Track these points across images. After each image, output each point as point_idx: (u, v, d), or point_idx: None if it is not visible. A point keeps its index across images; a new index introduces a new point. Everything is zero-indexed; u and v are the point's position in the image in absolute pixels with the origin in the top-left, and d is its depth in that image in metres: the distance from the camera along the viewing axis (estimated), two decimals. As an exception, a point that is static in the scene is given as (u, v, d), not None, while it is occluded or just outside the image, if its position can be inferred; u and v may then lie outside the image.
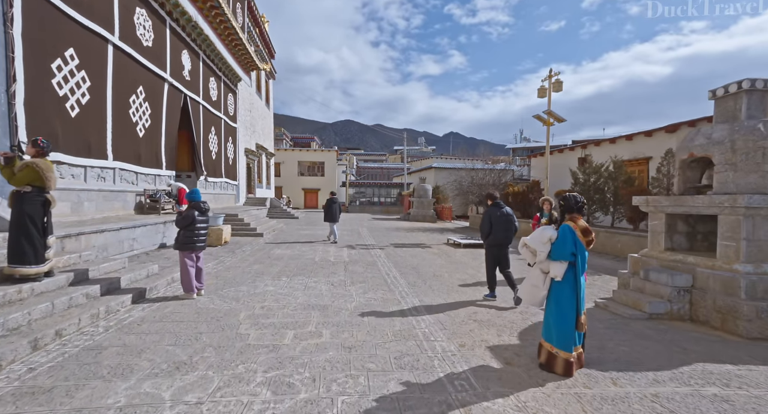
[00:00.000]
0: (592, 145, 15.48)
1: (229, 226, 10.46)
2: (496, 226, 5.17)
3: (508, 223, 5.21)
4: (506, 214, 5.23)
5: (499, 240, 5.22)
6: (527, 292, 3.27)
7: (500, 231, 5.18)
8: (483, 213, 5.42)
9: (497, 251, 5.31)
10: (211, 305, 4.64)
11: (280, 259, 8.29)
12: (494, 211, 5.23)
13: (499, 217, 5.18)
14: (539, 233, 3.12)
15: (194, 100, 14.50)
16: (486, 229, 5.26)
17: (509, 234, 5.23)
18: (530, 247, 3.15)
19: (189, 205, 4.93)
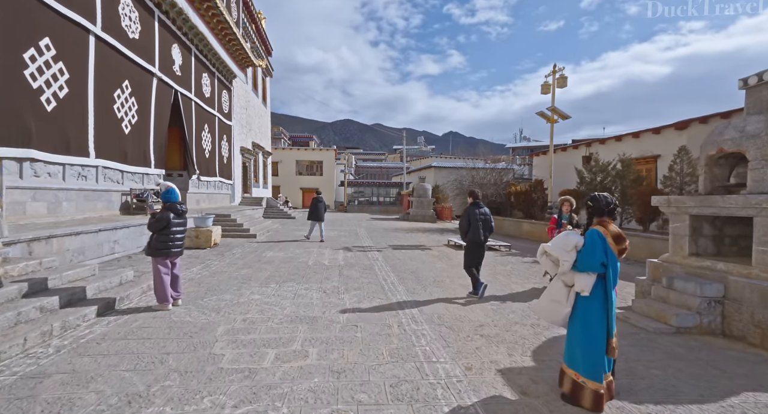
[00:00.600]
0: (597, 143, 15.02)
1: (219, 227, 9.98)
2: (474, 224, 5.36)
3: (485, 222, 5.41)
4: (484, 214, 5.43)
5: (476, 238, 5.39)
6: (546, 309, 2.77)
7: (478, 229, 5.35)
8: (462, 212, 5.63)
9: (476, 249, 5.48)
10: (187, 318, 4.15)
11: (271, 262, 7.80)
12: (473, 210, 5.42)
13: (478, 216, 5.37)
14: (563, 239, 2.63)
15: (186, 97, 14.00)
16: (465, 227, 5.44)
17: (486, 233, 5.45)
18: (552, 255, 2.66)
19: (163, 206, 4.44)
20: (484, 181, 18.69)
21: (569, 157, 16.69)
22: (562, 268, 2.56)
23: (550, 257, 2.66)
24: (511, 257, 9.60)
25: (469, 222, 5.36)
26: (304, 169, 42.28)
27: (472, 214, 5.36)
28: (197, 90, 15.11)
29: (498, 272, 7.52)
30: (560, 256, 2.54)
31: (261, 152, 27.86)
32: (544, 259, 2.72)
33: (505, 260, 9.08)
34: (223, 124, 18.64)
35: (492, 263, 8.54)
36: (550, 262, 2.67)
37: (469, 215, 5.37)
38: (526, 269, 7.97)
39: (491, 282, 6.56)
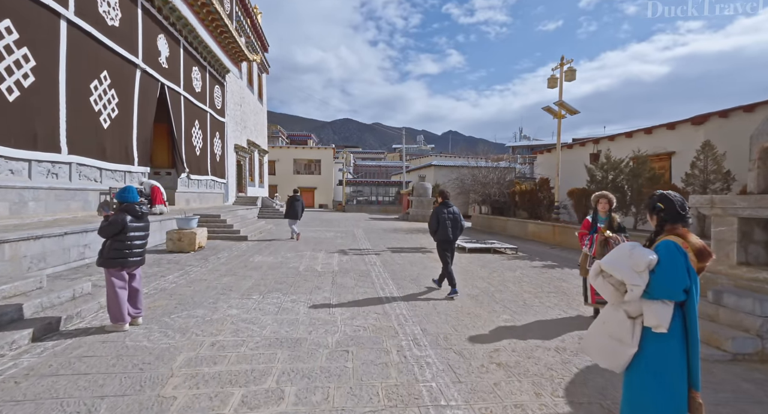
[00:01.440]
0: (606, 140, 14.33)
1: (204, 228, 9.28)
2: (442, 223, 5.52)
3: (454, 221, 5.56)
4: (452, 213, 5.61)
5: (445, 236, 5.55)
6: (602, 349, 2.00)
7: (446, 228, 5.51)
8: (432, 211, 5.79)
9: (446, 246, 5.63)
10: (145, 342, 3.46)
11: (258, 268, 7.11)
12: (441, 209, 5.59)
13: (446, 215, 5.54)
14: (629, 254, 1.86)
15: (173, 91, 13.28)
16: (434, 226, 5.61)
17: (456, 232, 5.59)
18: (614, 276, 1.89)
19: (119, 208, 3.75)
20: (487, 180, 18.00)
21: (576, 155, 16.00)
22: (629, 295, 1.82)
23: (610, 279, 1.92)
24: (518, 261, 8.92)
25: (438, 221, 5.53)
26: (301, 168, 41.57)
27: (440, 213, 5.55)
28: (186, 84, 14.40)
29: (507, 279, 6.83)
30: (627, 279, 1.80)
31: (257, 150, 27.15)
32: (601, 282, 1.96)
33: (513, 265, 8.40)
34: (216, 121, 17.94)
35: (499, 268, 7.86)
36: (610, 287, 1.92)
37: (437, 215, 5.55)
38: (536, 275, 7.28)
39: (500, 291, 5.88)
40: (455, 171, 28.13)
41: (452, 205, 5.67)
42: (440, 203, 5.68)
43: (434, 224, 5.58)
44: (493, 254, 9.97)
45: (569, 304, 5.21)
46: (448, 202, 5.67)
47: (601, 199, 4.51)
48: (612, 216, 4.46)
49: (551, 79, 13.31)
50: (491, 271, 7.54)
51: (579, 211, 12.04)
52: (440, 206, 5.64)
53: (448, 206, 5.62)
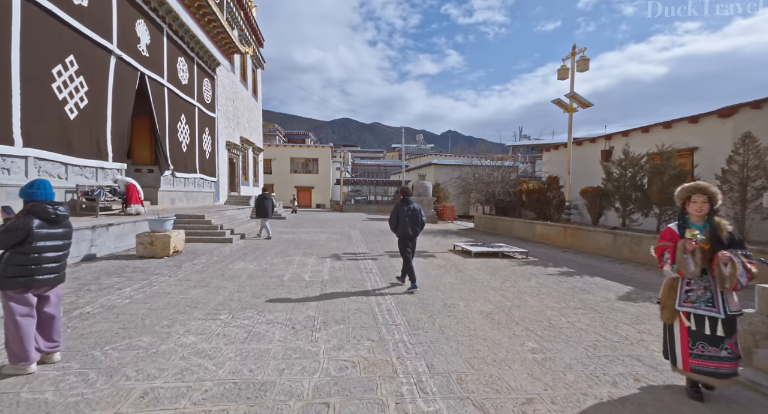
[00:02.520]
0: (620, 135, 13.42)
1: (182, 231, 8.34)
2: (402, 219, 5.66)
3: (413, 217, 5.68)
4: (412, 209, 5.71)
5: (405, 232, 5.68)
6: None
7: (406, 224, 5.64)
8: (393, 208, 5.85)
9: (406, 241, 5.74)
10: (48, 394, 2.53)
11: (235, 277, 6.18)
12: (401, 206, 5.70)
13: (406, 212, 5.65)
14: None
15: (156, 82, 12.34)
16: (394, 223, 5.75)
17: (415, 227, 5.71)
18: None
19: (24, 209, 2.82)
20: (490, 179, 17.09)
21: (586, 152, 15.10)
22: None
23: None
24: (531, 267, 8.01)
25: (398, 218, 5.67)
26: (298, 167, 40.63)
27: (400, 210, 5.67)
28: (171, 75, 13.45)
29: (522, 290, 5.91)
30: None
31: (251, 148, 26.21)
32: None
33: (526, 272, 7.48)
34: (205, 116, 16.99)
35: (511, 276, 6.95)
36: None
37: (397, 211, 5.68)
38: (555, 285, 6.37)
39: (518, 307, 4.97)
40: (457, 170, 27.24)
41: (412, 202, 5.80)
42: (401, 200, 5.82)
43: (394, 220, 5.74)
44: (501, 259, 9.06)
45: (605, 326, 4.29)
46: (408, 199, 5.81)
47: (695, 196, 2.75)
48: (717, 222, 2.72)
49: (562, 70, 12.40)
50: (503, 280, 6.62)
51: (593, 212, 11.13)
52: (401, 203, 5.77)
53: (408, 203, 5.75)
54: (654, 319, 4.57)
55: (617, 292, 5.97)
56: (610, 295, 5.80)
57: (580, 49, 11.80)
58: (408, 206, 5.70)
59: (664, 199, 8.54)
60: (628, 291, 6.08)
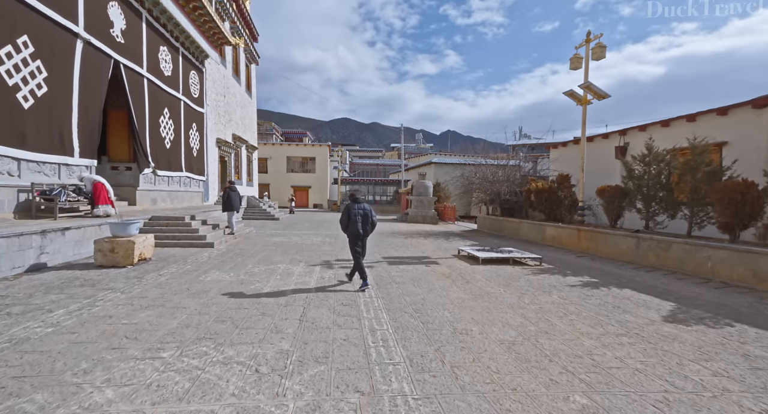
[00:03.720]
0: (636, 130, 12.45)
1: (150, 235, 7.33)
2: (353, 219, 5.73)
3: (364, 217, 5.78)
4: (363, 209, 5.80)
5: (355, 231, 5.73)
6: None
7: (356, 223, 5.71)
8: (343, 208, 5.88)
9: (357, 240, 5.78)
10: None
11: (203, 293, 5.18)
12: (352, 205, 5.81)
13: (357, 211, 5.75)
14: None
15: (133, 71, 11.33)
16: (344, 222, 5.82)
17: (366, 227, 5.79)
18: None
19: None
20: (495, 178, 16.11)
21: (597, 149, 14.11)
22: None
23: None
24: (547, 276, 7.03)
25: (348, 217, 5.76)
26: (295, 166, 39.61)
27: (351, 209, 5.77)
28: (152, 65, 12.44)
29: (546, 309, 4.93)
30: None
31: (244, 146, 25.19)
32: None
33: (543, 283, 6.50)
34: (192, 111, 15.98)
35: (528, 289, 5.96)
36: None
37: (348, 211, 5.78)
38: (581, 300, 5.39)
39: (546, 333, 3.99)
40: (459, 168, 26.27)
41: (363, 202, 5.92)
42: (352, 200, 5.93)
43: (345, 220, 5.81)
44: (512, 266, 8.09)
45: (665, 364, 3.31)
46: (358, 198, 5.93)
47: None
48: None
49: (574, 59, 11.42)
50: (519, 294, 5.64)
51: (611, 213, 10.15)
52: (351, 202, 5.89)
53: (358, 202, 5.88)
54: (724, 352, 3.59)
55: (659, 311, 4.99)
56: (651, 314, 4.82)
57: (596, 35, 10.82)
58: (358, 205, 5.84)
59: (697, 199, 7.57)
60: (671, 309, 5.09)
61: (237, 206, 11.11)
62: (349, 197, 6.05)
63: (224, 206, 11.05)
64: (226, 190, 10.99)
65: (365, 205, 5.86)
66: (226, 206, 11.00)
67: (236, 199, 11.03)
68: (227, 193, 10.94)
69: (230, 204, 10.91)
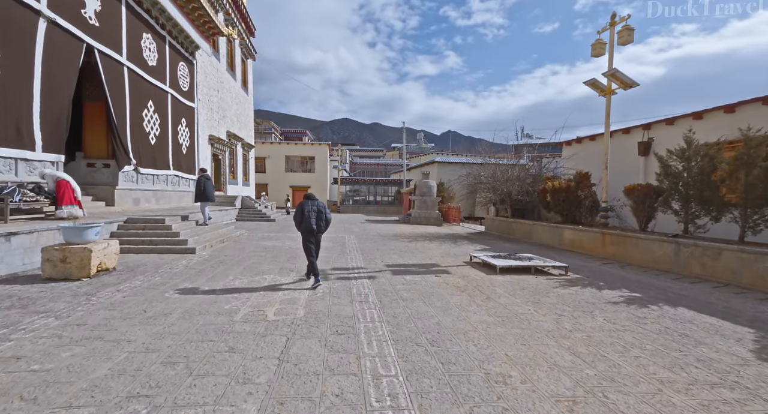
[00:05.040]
0: (663, 123, 11.37)
1: (114, 241, 6.28)
2: (306, 215, 5.85)
3: (318, 213, 5.94)
4: (317, 206, 5.97)
5: (309, 227, 5.84)
6: None
7: (309, 219, 5.84)
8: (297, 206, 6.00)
9: (310, 237, 5.91)
10: None
11: (162, 317, 4.13)
12: (306, 203, 5.97)
13: (310, 208, 5.91)
14: None
15: (110, 58, 10.29)
16: (298, 219, 5.92)
17: (320, 223, 5.94)
18: None
19: None
20: (506, 177, 15.03)
21: (617, 145, 13.01)
22: None
23: None
24: (580, 290, 5.96)
25: (302, 214, 5.88)
26: (294, 166, 38.56)
27: (305, 206, 5.92)
28: (133, 53, 11.41)
29: (597, 339, 3.87)
30: None
31: (240, 144, 24.15)
32: None
33: (578, 298, 5.44)
34: (181, 105, 14.94)
35: (564, 308, 4.89)
36: None
37: (302, 208, 5.92)
38: (635, 324, 4.33)
39: (613, 381, 2.93)
40: (462, 168, 25.19)
41: (317, 200, 6.05)
42: (306, 198, 6.03)
43: (299, 216, 5.90)
44: (535, 276, 7.03)
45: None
46: (312, 196, 6.06)
47: None
48: None
49: (596, 45, 10.35)
50: (556, 316, 4.58)
51: (641, 215, 9.07)
52: (304, 200, 6.00)
53: (312, 199, 6.02)
54: None
55: (740, 341, 3.91)
56: (734, 347, 3.75)
57: (622, 17, 9.76)
58: (312, 202, 5.98)
59: (752, 198, 6.50)
60: (755, 339, 4.02)
61: (212, 196, 10.36)
62: (304, 196, 6.12)
63: (198, 196, 10.17)
64: (201, 179, 10.13)
65: (319, 202, 6.04)
66: (201, 196, 10.14)
67: (212, 189, 10.29)
68: (202, 182, 10.09)
69: (205, 194, 10.10)
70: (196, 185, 10.21)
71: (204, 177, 10.20)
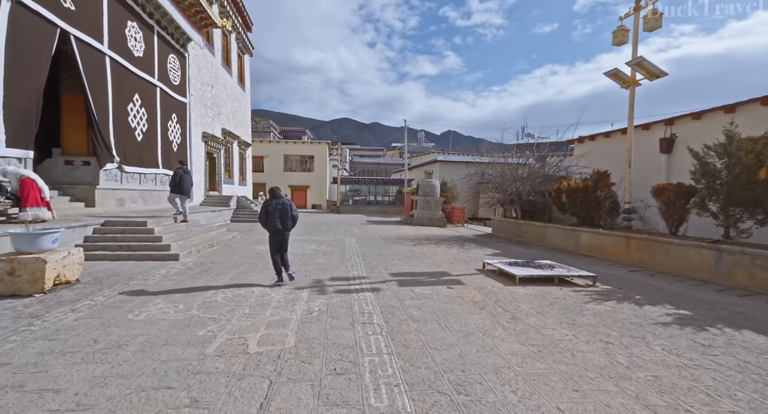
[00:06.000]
0: (689, 118, 10.53)
1: (77, 250, 5.44)
2: (271, 214, 5.71)
3: (283, 211, 5.77)
4: (281, 204, 5.79)
5: (275, 226, 5.73)
6: None
7: (275, 218, 5.71)
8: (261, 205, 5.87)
9: (277, 236, 5.81)
10: None
11: (116, 350, 3.29)
12: (270, 202, 5.80)
13: (275, 206, 5.75)
14: None
15: (89, 46, 9.45)
16: (263, 218, 5.80)
17: (285, 221, 5.79)
18: None
19: None
20: (517, 176, 14.19)
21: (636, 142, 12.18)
22: None
23: None
24: (616, 305, 5.12)
25: (267, 213, 5.73)
26: (293, 165, 37.70)
27: (269, 206, 5.76)
28: (117, 42, 10.57)
29: (667, 381, 3.03)
30: None
31: (236, 142, 23.30)
32: None
33: (618, 317, 4.61)
34: (172, 100, 14.10)
35: (607, 332, 4.05)
36: None
37: (266, 207, 5.76)
38: (703, 356, 3.50)
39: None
40: (467, 167, 24.35)
41: (282, 197, 5.86)
42: (271, 197, 5.83)
43: (263, 216, 5.77)
44: (559, 287, 6.21)
45: None
46: (277, 194, 5.87)
47: None
48: None
49: (619, 32, 9.51)
50: (603, 344, 3.74)
51: (671, 218, 8.23)
52: (269, 199, 5.81)
53: (276, 196, 5.83)
54: None
55: None
56: None
57: (648, 0, 8.91)
58: (276, 201, 5.78)
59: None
60: None
61: (188, 191, 9.64)
62: (268, 192, 5.92)
63: (173, 188, 9.48)
64: (178, 172, 9.49)
65: (284, 200, 5.86)
66: (176, 188, 9.45)
67: (189, 183, 9.60)
68: (179, 174, 9.44)
69: (180, 187, 9.43)
70: (172, 177, 9.57)
71: (182, 169, 9.59)
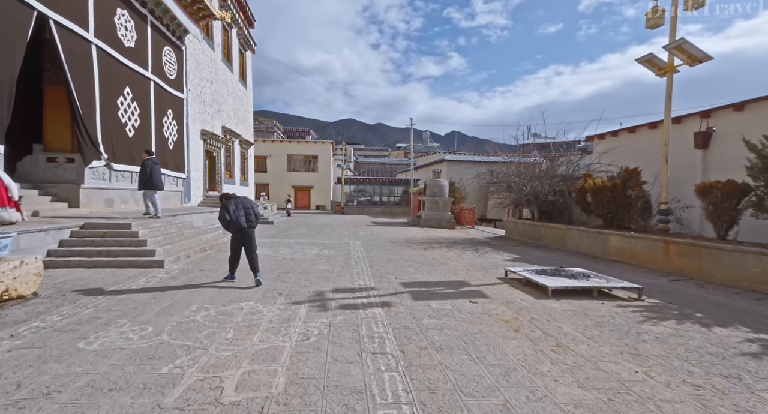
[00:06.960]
0: (730, 109, 9.55)
1: (33, 258, 4.63)
2: (233, 214, 5.57)
3: (246, 209, 5.70)
4: (243, 200, 5.77)
5: (238, 226, 5.60)
6: None
7: (238, 217, 5.59)
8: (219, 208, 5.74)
9: (241, 236, 5.68)
10: None
11: (43, 399, 2.46)
12: (228, 203, 5.67)
13: (235, 206, 5.65)
14: None
15: (71, 32, 8.68)
16: (225, 219, 5.62)
17: (249, 218, 5.70)
18: None
19: None
20: (534, 175, 13.26)
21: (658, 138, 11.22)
22: None
23: None
24: (677, 327, 4.21)
25: (228, 213, 5.56)
26: (297, 165, 36.98)
27: (228, 206, 5.61)
28: (105, 31, 9.80)
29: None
30: None
31: (237, 141, 22.55)
32: None
33: (689, 345, 3.71)
34: (167, 94, 13.34)
35: (690, 369, 3.15)
36: None
37: (226, 208, 5.59)
38: None
39: None
40: (478, 166, 23.43)
41: (238, 197, 5.80)
42: (226, 199, 5.75)
43: (225, 216, 5.62)
44: (600, 301, 5.30)
45: None
46: (231, 195, 5.83)
47: None
48: None
49: (652, 13, 8.58)
50: (691, 387, 2.84)
51: (720, 220, 7.27)
52: (227, 201, 5.72)
53: (232, 198, 5.78)
54: None
55: None
56: None
57: (689, -23, 7.96)
58: (235, 201, 5.71)
59: None
60: None
61: (160, 184, 8.97)
62: (221, 197, 5.82)
63: (143, 183, 8.70)
64: (147, 163, 8.66)
65: (243, 199, 5.80)
66: (146, 184, 8.67)
67: (159, 175, 8.93)
68: (148, 166, 8.63)
69: (151, 181, 8.67)
70: (141, 170, 8.75)
71: (150, 160, 8.78)
